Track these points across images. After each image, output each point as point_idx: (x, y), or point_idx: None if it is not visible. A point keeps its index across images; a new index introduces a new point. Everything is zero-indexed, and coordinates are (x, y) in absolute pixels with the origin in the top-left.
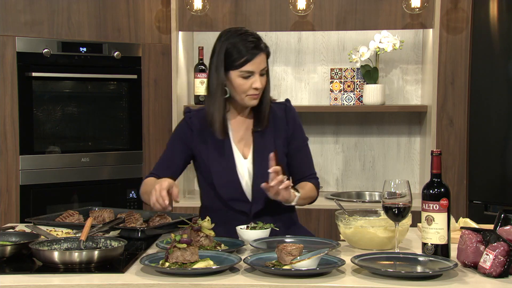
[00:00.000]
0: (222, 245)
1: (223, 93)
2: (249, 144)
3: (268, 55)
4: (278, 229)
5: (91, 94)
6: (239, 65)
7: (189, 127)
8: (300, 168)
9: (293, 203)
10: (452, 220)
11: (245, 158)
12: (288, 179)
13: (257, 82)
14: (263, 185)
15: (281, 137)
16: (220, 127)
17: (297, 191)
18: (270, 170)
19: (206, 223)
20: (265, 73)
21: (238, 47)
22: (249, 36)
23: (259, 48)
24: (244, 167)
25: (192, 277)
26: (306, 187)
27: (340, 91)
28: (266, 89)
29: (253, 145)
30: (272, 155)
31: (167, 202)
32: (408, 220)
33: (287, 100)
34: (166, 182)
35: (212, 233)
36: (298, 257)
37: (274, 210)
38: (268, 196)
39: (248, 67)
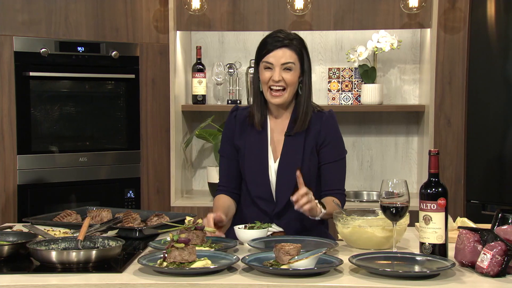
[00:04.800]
0: (213, 244)
1: (258, 87)
2: (281, 146)
3: (299, 53)
4: (280, 229)
5: (89, 93)
6: (262, 56)
7: (233, 123)
8: (328, 181)
9: (317, 218)
10: (450, 219)
11: (275, 159)
12: (312, 191)
13: (275, 74)
14: (292, 198)
15: (311, 145)
16: (258, 119)
17: (324, 206)
18: (293, 198)
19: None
20: (291, 69)
21: (266, 41)
22: (280, 33)
23: (283, 43)
24: (272, 168)
25: (190, 276)
26: (332, 203)
27: (338, 90)
28: (302, 93)
29: (282, 148)
30: (298, 173)
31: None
32: (405, 219)
33: (330, 110)
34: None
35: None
36: (296, 257)
37: (297, 214)
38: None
39: (268, 58)
